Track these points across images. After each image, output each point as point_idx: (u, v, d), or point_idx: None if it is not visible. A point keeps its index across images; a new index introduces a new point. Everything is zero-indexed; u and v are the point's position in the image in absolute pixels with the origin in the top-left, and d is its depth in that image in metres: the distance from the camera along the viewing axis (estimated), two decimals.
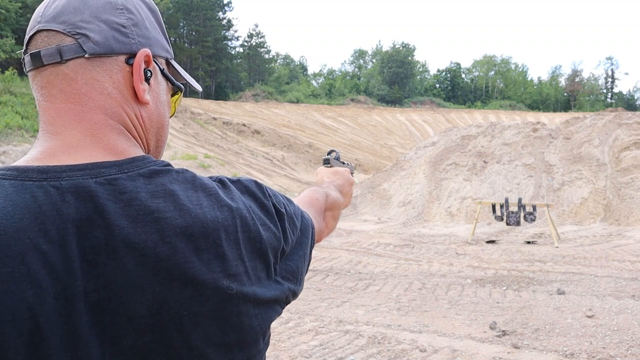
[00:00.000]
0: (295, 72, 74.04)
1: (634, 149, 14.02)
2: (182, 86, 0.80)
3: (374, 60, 74.47)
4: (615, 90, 75.21)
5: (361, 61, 78.43)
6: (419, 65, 72.53)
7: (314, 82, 73.98)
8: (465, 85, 71.52)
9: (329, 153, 1.34)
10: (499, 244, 9.86)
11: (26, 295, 0.54)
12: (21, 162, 0.63)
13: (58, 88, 0.65)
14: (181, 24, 55.31)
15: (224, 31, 60.39)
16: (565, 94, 70.67)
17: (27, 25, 0.69)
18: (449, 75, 71.41)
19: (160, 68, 0.73)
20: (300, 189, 22.46)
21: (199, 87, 0.86)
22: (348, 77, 73.00)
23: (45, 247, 0.56)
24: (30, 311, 0.55)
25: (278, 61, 74.42)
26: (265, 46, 66.39)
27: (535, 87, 73.98)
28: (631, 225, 11.47)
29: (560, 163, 14.18)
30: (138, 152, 0.68)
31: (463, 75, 73.06)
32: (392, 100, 57.65)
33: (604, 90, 74.00)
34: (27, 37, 0.67)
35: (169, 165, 0.67)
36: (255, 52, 65.07)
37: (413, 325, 4.95)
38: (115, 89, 0.67)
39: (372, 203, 14.98)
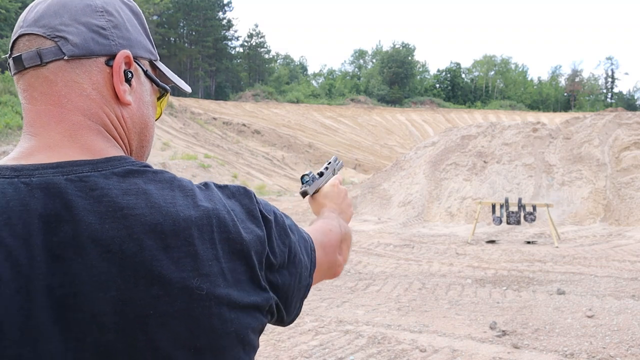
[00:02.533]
0: (295, 72, 74.08)
1: (634, 149, 14.02)
2: (168, 88, 0.80)
3: (374, 60, 74.48)
4: (615, 90, 75.28)
5: (361, 61, 78.45)
6: (419, 65, 72.54)
7: (314, 82, 74.00)
8: (465, 85, 71.51)
9: (302, 179, 1.18)
10: (499, 244, 9.86)
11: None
12: (1, 161, 0.64)
13: (39, 90, 0.66)
14: (181, 24, 55.31)
15: (224, 31, 60.40)
16: (565, 94, 70.68)
17: None
18: (449, 75, 71.38)
19: (143, 69, 0.73)
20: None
21: (187, 88, 0.86)
22: (348, 77, 73.02)
23: (9, 241, 0.57)
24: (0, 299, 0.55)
25: (278, 61, 74.46)
26: (265, 46, 66.45)
27: (535, 87, 73.99)
28: (631, 225, 11.47)
29: (560, 163, 14.18)
30: (116, 152, 0.67)
31: (463, 75, 73.04)
32: (392, 100, 57.64)
33: (604, 90, 74.03)
34: (11, 41, 0.69)
35: (147, 166, 0.66)
36: (255, 52, 65.09)
37: (413, 325, 4.95)
38: (94, 90, 0.67)
39: (372, 203, 14.98)
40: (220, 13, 59.25)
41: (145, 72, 0.74)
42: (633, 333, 4.63)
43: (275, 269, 0.72)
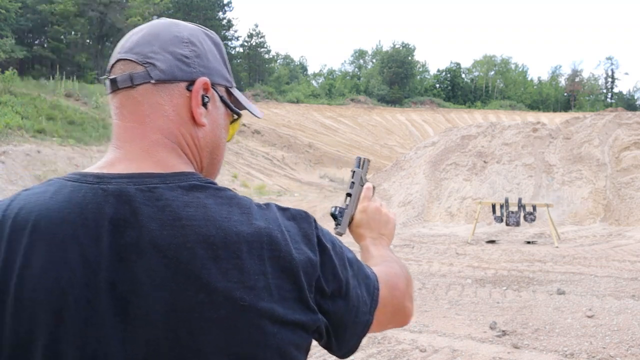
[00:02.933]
0: (295, 72, 74.01)
1: (634, 149, 14.02)
2: (240, 113, 0.86)
3: (374, 60, 74.41)
4: (615, 90, 75.16)
5: (361, 61, 78.39)
6: (419, 65, 72.44)
7: (314, 82, 73.94)
8: (465, 85, 71.43)
9: (332, 216, 1.05)
10: (499, 244, 9.86)
11: (61, 278, 0.64)
12: (89, 169, 0.74)
13: (128, 109, 0.75)
14: None
15: (224, 31, 60.38)
16: (565, 94, 70.62)
17: (27, 25, 0.71)
18: (449, 75, 71.29)
19: (219, 95, 0.81)
20: (301, 189, 22.45)
21: (259, 114, 0.92)
22: (348, 77, 72.96)
23: (84, 239, 0.65)
24: (63, 292, 0.64)
25: (278, 61, 74.38)
26: (265, 46, 66.35)
27: (535, 87, 73.92)
28: (631, 225, 11.47)
29: (560, 163, 14.18)
30: (187, 168, 0.75)
31: (463, 75, 72.95)
32: (392, 100, 57.60)
33: (604, 90, 73.96)
34: (109, 65, 0.79)
35: (212, 183, 0.73)
36: (255, 52, 65.05)
37: (413, 325, 4.95)
38: (174, 112, 0.75)
39: None
40: (220, 13, 59.25)
41: (221, 98, 0.81)
42: (633, 333, 4.63)
43: (328, 296, 0.73)
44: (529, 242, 10.01)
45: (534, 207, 10.19)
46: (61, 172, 16.09)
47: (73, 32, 40.84)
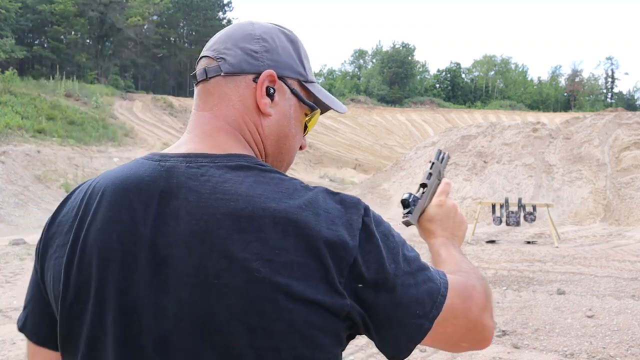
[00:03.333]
0: None
1: (634, 149, 14.03)
2: (314, 106, 0.89)
3: (374, 60, 74.41)
4: (615, 90, 75.19)
5: (361, 61, 78.40)
6: (419, 65, 72.43)
7: None
8: (465, 85, 71.43)
9: (402, 203, 0.97)
10: (499, 244, 9.86)
11: (113, 233, 0.75)
12: (165, 150, 0.84)
13: (202, 99, 0.84)
14: (181, 24, 55.31)
15: None
16: (565, 94, 70.61)
17: (27, 25, 0.74)
18: (449, 75, 71.29)
19: (290, 88, 0.85)
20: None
21: (342, 109, 0.95)
22: (348, 77, 72.99)
23: (136, 205, 0.75)
24: (113, 246, 0.74)
25: None
26: None
27: (535, 87, 73.91)
28: (631, 225, 11.47)
29: (560, 163, 14.18)
30: (243, 151, 0.81)
31: (463, 75, 72.94)
32: (392, 100, 57.59)
33: (604, 90, 73.96)
34: (197, 62, 0.89)
35: (261, 165, 0.77)
36: None
37: None
38: (239, 102, 0.82)
39: (372, 203, 14.98)
40: (220, 13, 59.24)
41: (292, 90, 0.85)
42: (633, 333, 4.63)
43: (368, 285, 0.72)
44: (529, 242, 10.01)
45: (534, 207, 10.19)
46: (61, 172, 16.08)
47: (73, 32, 40.83)
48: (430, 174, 1.01)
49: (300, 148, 0.93)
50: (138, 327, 0.72)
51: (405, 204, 0.97)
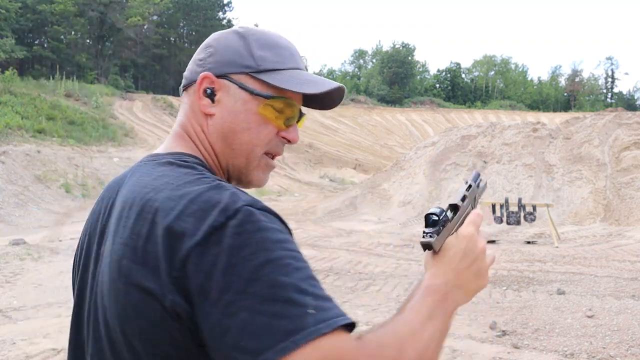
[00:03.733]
0: None
1: (634, 149, 14.02)
2: (268, 94, 0.85)
3: (374, 60, 74.38)
4: (615, 90, 75.14)
5: (361, 61, 78.37)
6: (419, 65, 72.38)
7: None
8: (465, 85, 71.39)
9: (427, 219, 0.76)
10: (499, 244, 9.86)
11: (89, 223, 0.91)
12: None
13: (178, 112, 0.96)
14: (181, 24, 55.27)
15: None
16: (565, 94, 70.59)
17: (27, 25, 0.76)
18: (449, 75, 71.25)
19: (236, 83, 0.86)
20: (301, 189, 22.44)
21: (320, 88, 0.88)
22: (348, 77, 72.97)
23: (107, 199, 0.87)
24: (86, 233, 0.90)
25: None
26: None
27: (535, 87, 73.87)
28: (631, 225, 11.47)
29: (560, 163, 14.18)
30: (186, 151, 0.88)
31: (463, 75, 72.90)
32: (392, 100, 57.55)
33: (604, 90, 73.93)
34: None
35: (184, 161, 0.83)
36: None
37: None
38: (189, 108, 0.90)
39: (372, 203, 14.98)
40: (220, 13, 59.20)
41: (240, 85, 0.86)
42: (633, 333, 4.63)
43: (192, 288, 0.64)
44: (529, 242, 10.01)
45: (534, 207, 10.19)
46: (61, 172, 16.08)
47: (73, 32, 40.81)
48: (465, 196, 0.83)
49: (289, 142, 0.89)
50: (82, 310, 0.85)
51: (431, 221, 0.75)
